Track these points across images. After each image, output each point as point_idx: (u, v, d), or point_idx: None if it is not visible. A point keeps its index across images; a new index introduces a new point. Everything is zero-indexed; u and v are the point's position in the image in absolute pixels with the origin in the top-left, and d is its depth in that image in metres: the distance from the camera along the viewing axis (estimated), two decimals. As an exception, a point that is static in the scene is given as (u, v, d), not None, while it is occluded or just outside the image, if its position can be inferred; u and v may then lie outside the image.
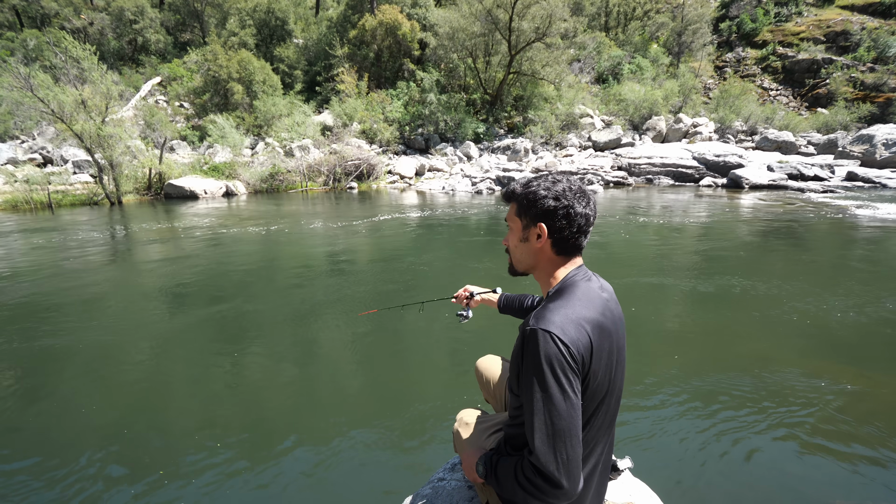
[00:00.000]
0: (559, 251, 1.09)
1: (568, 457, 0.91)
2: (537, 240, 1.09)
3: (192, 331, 4.24)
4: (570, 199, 1.05)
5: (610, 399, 1.05)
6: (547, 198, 1.06)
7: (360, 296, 5.01)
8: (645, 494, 1.41)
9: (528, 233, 1.10)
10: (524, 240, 1.12)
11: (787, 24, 31.22)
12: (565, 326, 0.94)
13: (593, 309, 1.01)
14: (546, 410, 0.92)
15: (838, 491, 2.15)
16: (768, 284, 5.10)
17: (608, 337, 1.01)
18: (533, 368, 0.94)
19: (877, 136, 17.26)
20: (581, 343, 0.94)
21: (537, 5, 19.78)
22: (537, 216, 1.07)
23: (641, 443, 2.50)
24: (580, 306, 0.99)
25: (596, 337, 0.97)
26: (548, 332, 0.93)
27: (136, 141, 17.14)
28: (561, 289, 1.06)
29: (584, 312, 0.99)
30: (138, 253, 7.67)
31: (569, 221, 1.06)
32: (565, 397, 0.92)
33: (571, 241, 1.08)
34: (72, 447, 2.57)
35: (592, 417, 1.03)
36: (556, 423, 0.91)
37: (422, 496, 1.43)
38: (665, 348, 3.66)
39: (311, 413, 2.91)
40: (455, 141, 21.61)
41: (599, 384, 1.00)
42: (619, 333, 1.07)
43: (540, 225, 1.07)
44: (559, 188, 1.06)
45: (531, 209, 1.08)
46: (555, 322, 0.94)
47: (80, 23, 27.48)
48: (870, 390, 2.97)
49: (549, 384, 0.92)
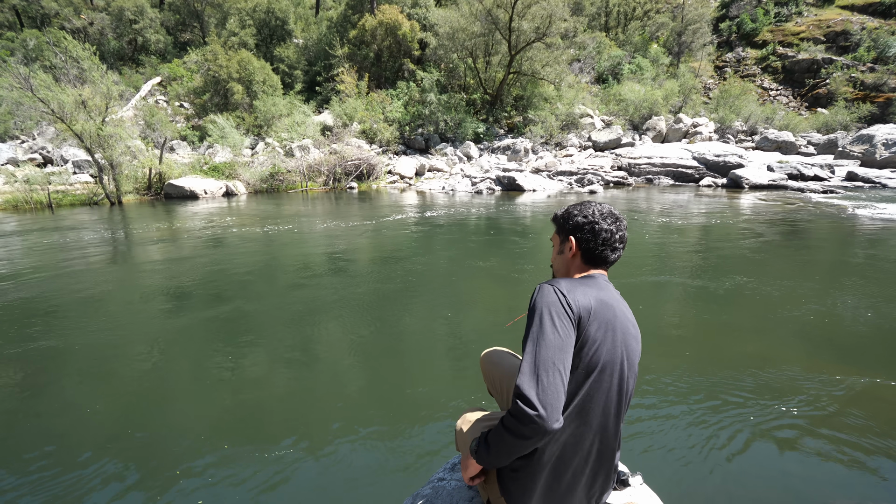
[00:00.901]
0: (587, 261, 1.28)
1: (547, 383, 0.99)
2: (569, 251, 1.29)
3: (192, 331, 4.24)
4: (596, 218, 1.26)
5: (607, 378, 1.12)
6: (576, 216, 1.28)
7: (361, 296, 5.01)
8: (645, 495, 1.41)
9: (563, 246, 1.32)
10: (560, 252, 1.33)
11: (787, 24, 31.24)
12: (570, 288, 1.13)
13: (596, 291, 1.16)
14: (535, 342, 1.05)
15: (838, 491, 2.15)
16: (769, 284, 5.10)
17: (610, 317, 1.14)
18: (532, 311, 1.11)
19: (877, 136, 17.27)
20: (581, 302, 1.10)
21: (537, 5, 19.79)
22: (568, 231, 1.29)
23: (642, 443, 2.51)
24: (583, 286, 1.16)
25: (596, 305, 1.12)
26: (552, 285, 1.13)
27: (136, 141, 17.13)
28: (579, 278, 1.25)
29: (587, 289, 1.15)
30: (138, 253, 7.67)
31: (594, 235, 1.25)
32: (554, 331, 1.05)
33: (597, 252, 1.25)
34: (72, 447, 2.57)
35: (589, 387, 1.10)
36: (541, 353, 1.03)
37: (422, 496, 1.43)
38: (665, 348, 3.66)
39: (311, 412, 2.91)
40: (455, 141, 21.61)
41: (592, 349, 1.10)
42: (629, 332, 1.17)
43: (570, 238, 1.28)
44: (589, 210, 1.28)
45: (565, 226, 1.31)
46: (560, 282, 1.15)
47: (80, 23, 27.48)
48: (870, 390, 2.97)
49: (542, 321, 1.07)
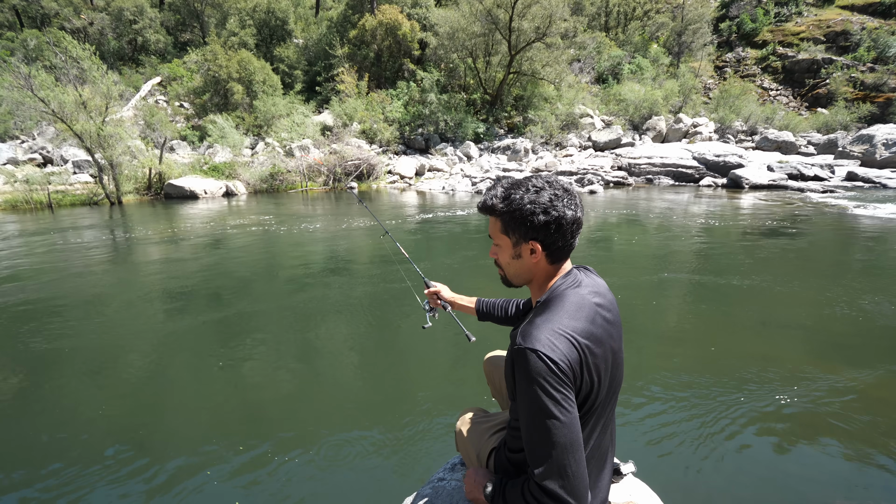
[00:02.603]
0: (553, 261, 1.06)
1: (573, 473, 0.88)
2: (531, 255, 1.04)
3: (192, 332, 4.24)
4: (560, 209, 0.99)
5: (608, 405, 1.04)
6: (536, 213, 0.99)
7: (361, 296, 5.01)
8: (645, 494, 1.41)
9: (519, 249, 1.05)
10: (517, 256, 1.06)
11: (787, 24, 31.24)
12: (553, 342, 0.91)
13: (582, 318, 0.97)
14: (545, 429, 0.88)
15: (838, 491, 2.15)
16: (769, 284, 5.10)
17: (600, 345, 0.98)
18: (525, 390, 0.91)
19: (877, 136, 17.27)
20: (571, 356, 0.92)
21: (537, 5, 19.79)
22: (528, 233, 1.01)
23: (642, 442, 2.51)
24: (567, 318, 0.96)
25: (585, 348, 0.94)
26: (535, 350, 0.90)
27: (136, 141, 17.13)
28: (548, 300, 1.03)
29: (572, 323, 0.95)
30: (139, 253, 7.67)
31: (562, 232, 1.01)
32: (562, 412, 0.88)
33: (565, 248, 1.04)
34: (72, 448, 2.57)
35: (595, 425, 1.02)
36: (557, 440, 0.88)
37: (422, 496, 1.43)
38: (665, 348, 3.66)
39: (311, 413, 2.91)
40: (455, 141, 21.61)
41: (596, 393, 0.98)
42: (614, 338, 1.04)
43: (532, 243, 1.02)
44: (545, 198, 0.99)
45: (520, 227, 1.01)
46: (541, 339, 0.91)
47: (80, 23, 27.49)
48: (870, 390, 2.97)
49: (544, 403, 0.88)
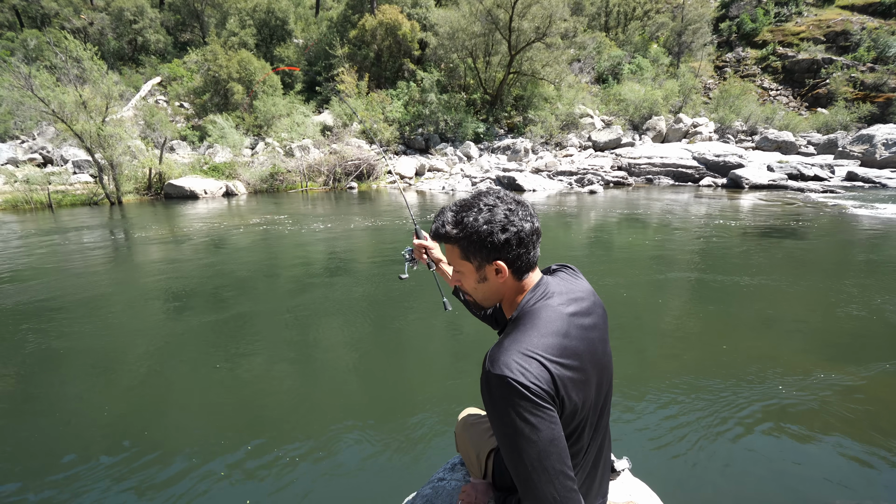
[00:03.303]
0: (520, 276, 1.02)
1: (561, 496, 0.86)
2: (497, 275, 0.99)
3: (193, 332, 4.24)
4: (517, 223, 0.95)
5: (595, 413, 1.02)
6: (494, 232, 0.94)
7: (361, 296, 5.01)
8: (645, 494, 1.41)
9: (483, 272, 1.00)
10: (482, 280, 1.02)
11: (787, 24, 31.23)
12: (522, 365, 0.87)
13: (553, 334, 0.93)
14: (526, 455, 0.86)
15: (838, 491, 2.16)
16: (769, 284, 5.10)
17: (576, 358, 0.95)
18: (499, 418, 0.88)
19: (877, 136, 17.27)
20: (541, 377, 0.88)
21: (537, 5, 19.79)
22: (490, 255, 0.97)
23: (641, 442, 2.51)
24: (537, 336, 0.92)
25: (557, 365, 0.91)
26: (504, 377, 0.86)
27: (136, 141, 17.13)
28: (517, 318, 0.99)
29: (542, 341, 0.92)
30: (139, 253, 7.67)
31: (525, 246, 0.97)
32: (540, 433, 0.86)
33: (529, 261, 1.00)
34: (72, 449, 2.58)
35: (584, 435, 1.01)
36: (542, 463, 0.85)
37: (422, 496, 1.43)
38: (665, 348, 3.66)
39: (311, 413, 2.91)
40: (455, 141, 21.61)
41: (576, 405, 0.95)
42: (595, 342, 1.01)
43: (496, 263, 0.97)
44: (500, 215, 0.95)
45: (481, 250, 0.97)
46: (509, 364, 0.88)
47: (80, 23, 27.49)
48: (870, 390, 2.97)
49: (520, 429, 0.85)
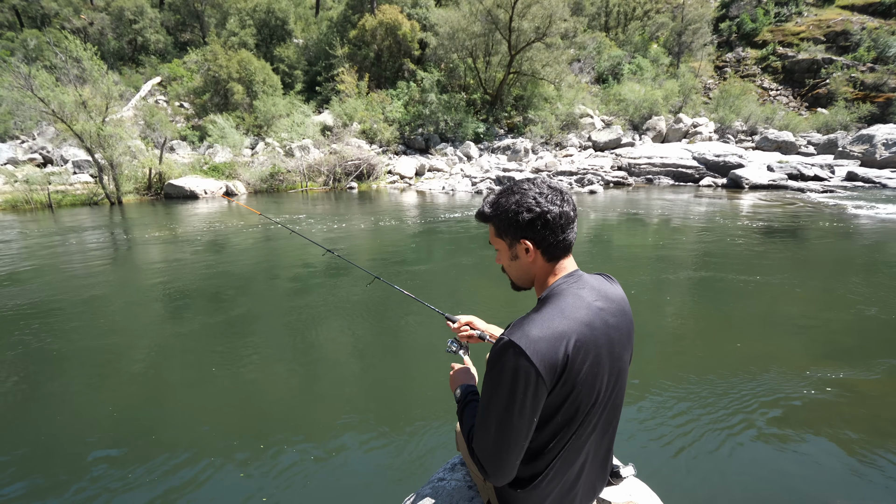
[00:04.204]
0: (549, 258, 1.07)
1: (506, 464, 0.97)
2: (526, 254, 1.07)
3: (193, 333, 4.24)
4: (544, 206, 1.01)
5: (598, 409, 1.04)
6: (520, 212, 1.02)
7: (361, 297, 5.01)
8: (645, 494, 1.41)
9: (514, 251, 1.08)
10: (514, 258, 1.10)
11: (787, 24, 31.23)
12: (538, 342, 0.92)
13: (576, 320, 0.97)
14: (499, 422, 0.95)
15: (838, 491, 2.15)
16: (769, 284, 5.10)
17: (593, 348, 0.98)
18: (496, 379, 0.95)
19: (877, 136, 17.26)
20: (551, 359, 0.92)
21: (537, 5, 19.79)
22: (518, 233, 1.05)
23: (642, 442, 2.51)
24: (559, 318, 0.96)
25: (574, 351, 0.94)
26: (518, 346, 0.91)
27: (136, 141, 17.13)
28: (546, 298, 1.04)
29: (563, 325, 0.95)
30: (139, 254, 7.67)
31: (550, 228, 1.02)
32: (521, 415, 0.93)
33: (558, 244, 1.05)
34: (72, 450, 2.58)
35: (579, 428, 1.02)
36: (505, 436, 0.95)
37: (422, 496, 1.43)
38: (665, 348, 3.66)
39: (311, 414, 2.91)
40: (455, 141, 21.61)
41: (579, 395, 0.98)
42: (616, 344, 1.03)
43: (523, 241, 1.05)
44: (530, 198, 1.03)
45: (510, 228, 1.05)
46: (527, 336, 0.93)
47: (80, 23, 27.49)
48: (870, 390, 2.97)
49: (508, 399, 0.93)
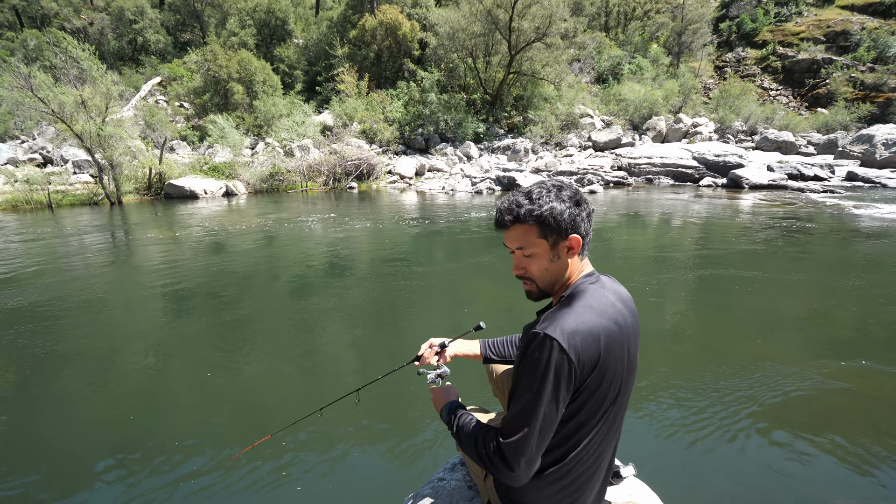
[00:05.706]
0: (583, 256, 1.09)
1: (534, 457, 0.97)
2: (568, 252, 1.05)
3: (192, 334, 4.24)
4: (583, 198, 1.05)
5: (617, 407, 1.05)
6: (569, 208, 1.02)
7: (361, 297, 5.01)
8: (645, 494, 1.41)
9: (558, 250, 1.05)
10: (555, 258, 1.06)
11: (787, 24, 31.24)
12: (573, 335, 0.93)
13: (607, 317, 0.99)
14: (535, 413, 0.94)
15: (838, 491, 2.15)
16: (769, 283, 5.10)
17: (619, 347, 0.99)
18: (532, 371, 0.95)
19: (877, 136, 17.26)
20: (586, 353, 0.94)
21: (537, 5, 19.79)
22: (567, 229, 1.03)
23: (641, 442, 2.50)
24: (591, 315, 0.97)
25: (604, 347, 0.96)
26: (554, 339, 0.92)
27: (136, 141, 17.13)
28: (572, 294, 1.04)
29: (596, 321, 0.97)
30: (139, 254, 7.67)
31: (590, 222, 1.06)
32: (556, 407, 0.94)
33: (589, 238, 1.08)
34: (72, 451, 2.57)
35: (598, 423, 1.02)
36: (540, 428, 0.94)
37: (422, 496, 1.43)
38: (665, 347, 3.66)
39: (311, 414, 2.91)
40: (455, 141, 21.60)
41: (605, 392, 0.99)
42: (631, 342, 1.04)
43: (572, 237, 1.03)
44: (569, 193, 1.04)
45: (559, 225, 1.02)
46: (564, 329, 0.94)
47: (80, 23, 27.49)
48: (870, 390, 2.97)
49: (544, 390, 0.93)
